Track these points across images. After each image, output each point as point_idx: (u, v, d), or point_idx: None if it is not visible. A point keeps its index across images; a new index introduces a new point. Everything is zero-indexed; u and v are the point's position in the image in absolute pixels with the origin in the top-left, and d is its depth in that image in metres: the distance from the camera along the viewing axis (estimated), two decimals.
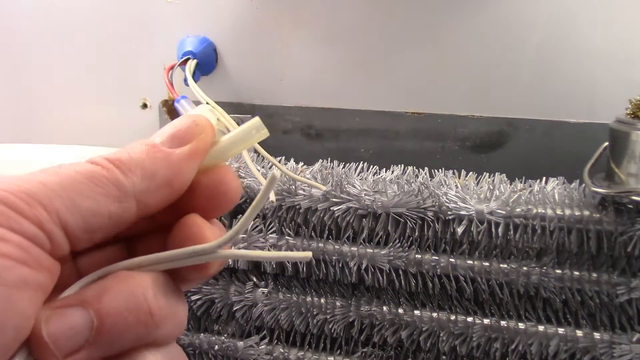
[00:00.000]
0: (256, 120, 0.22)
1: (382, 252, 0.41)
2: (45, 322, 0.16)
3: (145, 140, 0.20)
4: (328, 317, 0.43)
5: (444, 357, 0.43)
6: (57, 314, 0.17)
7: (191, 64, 0.52)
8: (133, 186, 0.18)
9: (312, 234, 0.43)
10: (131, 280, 0.18)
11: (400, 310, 0.42)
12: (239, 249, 0.43)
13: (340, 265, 0.42)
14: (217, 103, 0.46)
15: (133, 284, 0.18)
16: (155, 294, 0.18)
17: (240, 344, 0.46)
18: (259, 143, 0.43)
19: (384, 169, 0.45)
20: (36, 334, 0.16)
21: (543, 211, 0.38)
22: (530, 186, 0.41)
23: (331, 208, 0.41)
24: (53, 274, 0.17)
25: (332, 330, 0.43)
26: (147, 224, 0.22)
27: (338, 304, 0.43)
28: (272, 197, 0.40)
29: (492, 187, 0.41)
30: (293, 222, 0.43)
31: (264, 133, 0.22)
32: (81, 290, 0.18)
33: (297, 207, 0.42)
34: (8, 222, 0.16)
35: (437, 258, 0.41)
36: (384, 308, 0.42)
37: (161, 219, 0.21)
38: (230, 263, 0.44)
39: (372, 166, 0.45)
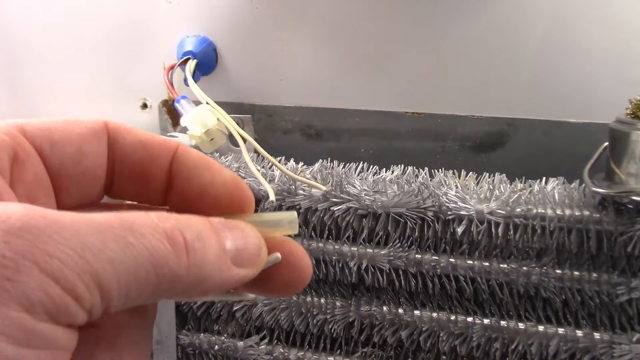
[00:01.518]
0: (293, 215, 0.21)
1: (382, 252, 0.41)
2: None
3: (216, 224, 0.17)
4: (328, 317, 0.43)
5: (444, 357, 0.43)
6: None
7: (191, 64, 0.52)
8: (182, 284, 0.16)
9: (312, 234, 0.43)
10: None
11: (400, 310, 0.42)
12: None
13: (340, 265, 0.42)
14: (217, 103, 0.46)
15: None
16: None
17: (240, 344, 0.46)
18: (259, 143, 0.43)
19: (384, 169, 0.45)
20: None
21: (543, 211, 0.38)
22: (530, 186, 0.41)
23: (331, 208, 0.41)
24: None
25: (332, 330, 0.43)
26: None
27: (338, 304, 0.43)
28: (272, 197, 0.40)
29: (492, 187, 0.41)
30: None
31: (294, 228, 0.22)
32: None
33: (297, 207, 0.42)
34: (65, 317, 0.14)
35: (437, 258, 0.41)
36: (384, 308, 0.42)
37: None
38: None
39: (372, 166, 0.45)
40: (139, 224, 0.15)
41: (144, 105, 0.60)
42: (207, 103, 0.46)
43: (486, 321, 0.41)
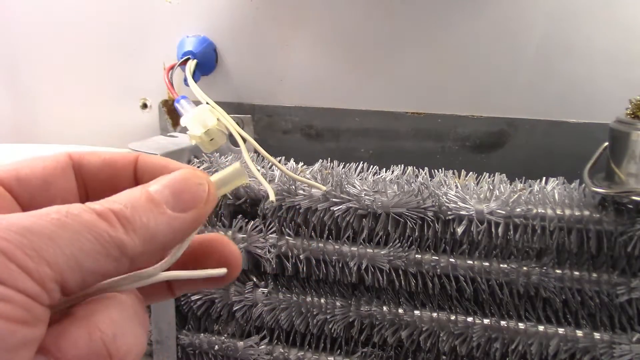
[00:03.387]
0: (237, 166, 0.22)
1: (382, 252, 0.41)
2: None
3: (146, 191, 0.19)
4: (328, 317, 0.43)
5: (444, 357, 0.43)
6: None
7: (191, 64, 0.52)
8: (133, 248, 0.18)
9: (312, 234, 0.43)
10: (91, 323, 0.17)
11: (400, 310, 0.42)
12: (239, 249, 0.43)
13: (340, 265, 0.42)
14: (217, 103, 0.46)
15: (92, 327, 0.17)
16: (115, 335, 0.17)
17: (240, 344, 0.46)
18: (259, 143, 0.43)
19: (384, 169, 0.45)
20: None
21: (543, 211, 0.38)
22: (530, 186, 0.41)
23: (331, 208, 0.41)
24: (46, 324, 0.17)
25: (332, 330, 0.43)
26: None
27: (338, 304, 0.43)
28: (272, 197, 0.40)
29: (492, 187, 0.41)
30: (293, 222, 0.43)
31: (244, 178, 0.23)
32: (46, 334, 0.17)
33: (297, 207, 0.42)
34: (14, 281, 0.15)
35: (437, 258, 0.41)
36: (384, 308, 0.42)
37: None
38: None
39: (372, 166, 0.45)
40: (72, 209, 0.17)
41: (144, 105, 0.60)
42: (207, 103, 0.46)
43: (486, 321, 0.41)
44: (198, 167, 0.46)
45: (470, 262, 0.40)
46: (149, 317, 0.22)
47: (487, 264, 0.40)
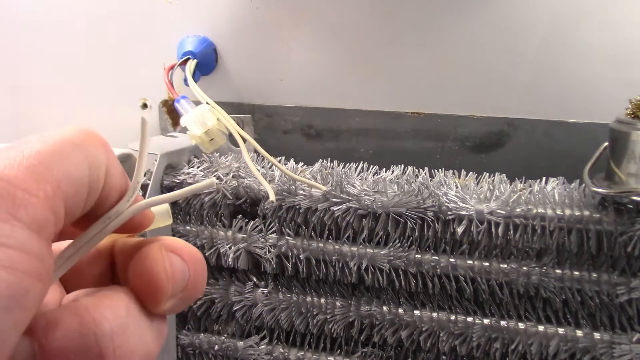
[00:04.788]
0: (165, 207, 0.22)
1: (382, 252, 0.41)
2: None
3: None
4: (328, 317, 0.43)
5: (444, 357, 0.43)
6: None
7: (191, 64, 0.52)
8: (104, 156, 0.18)
9: (312, 234, 0.43)
10: (85, 315, 0.16)
11: (400, 310, 0.42)
12: (239, 249, 0.43)
13: (340, 265, 0.42)
14: (217, 103, 0.46)
15: (86, 320, 0.16)
16: (113, 333, 0.16)
17: (240, 344, 0.46)
18: (259, 143, 0.43)
19: (384, 169, 0.45)
20: None
21: (543, 211, 0.38)
22: (530, 186, 0.41)
23: (331, 208, 0.41)
24: (51, 279, 0.16)
25: (332, 330, 0.43)
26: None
27: (338, 304, 0.43)
28: (272, 197, 0.40)
29: (492, 187, 0.41)
30: (293, 222, 0.43)
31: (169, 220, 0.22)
32: (36, 316, 0.16)
33: (297, 207, 0.42)
34: (22, 209, 0.14)
35: (437, 258, 0.41)
36: (384, 308, 0.42)
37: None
38: (230, 263, 0.44)
39: (372, 166, 0.45)
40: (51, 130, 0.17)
41: (144, 105, 0.60)
42: (207, 103, 0.46)
43: (486, 321, 0.41)
44: (198, 167, 0.46)
45: (470, 262, 0.40)
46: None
47: (487, 264, 0.40)
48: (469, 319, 0.41)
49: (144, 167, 0.20)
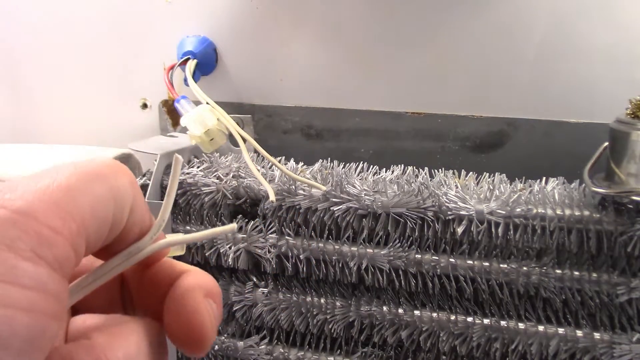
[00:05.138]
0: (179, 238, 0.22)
1: (382, 252, 0.41)
2: None
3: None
4: (328, 317, 0.43)
5: (444, 357, 0.43)
6: None
7: (191, 64, 0.52)
8: (130, 192, 0.18)
9: (312, 234, 0.43)
10: (100, 356, 0.16)
11: (400, 310, 0.42)
12: (239, 249, 0.43)
13: (340, 265, 0.42)
14: (217, 103, 0.46)
15: (100, 357, 0.16)
16: None
17: (240, 344, 0.46)
18: (259, 143, 0.43)
19: (384, 169, 0.45)
20: None
21: (543, 211, 0.38)
22: (530, 186, 0.41)
23: (331, 208, 0.41)
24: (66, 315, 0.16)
25: (332, 330, 0.43)
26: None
27: (338, 304, 0.43)
28: (272, 197, 0.40)
29: (492, 187, 0.41)
30: (293, 222, 0.43)
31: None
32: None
33: (297, 207, 0.42)
34: (46, 248, 0.14)
35: (437, 258, 0.41)
36: (384, 308, 0.42)
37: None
38: (230, 263, 0.44)
39: (372, 166, 0.45)
40: (79, 162, 0.17)
41: (144, 105, 0.60)
42: (207, 103, 0.46)
43: (486, 321, 0.41)
44: (198, 167, 0.46)
45: (470, 262, 0.40)
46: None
47: (487, 264, 0.40)
48: (469, 319, 0.41)
49: (171, 205, 0.20)
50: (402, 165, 0.45)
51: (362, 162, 0.45)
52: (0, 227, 0.14)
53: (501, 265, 0.40)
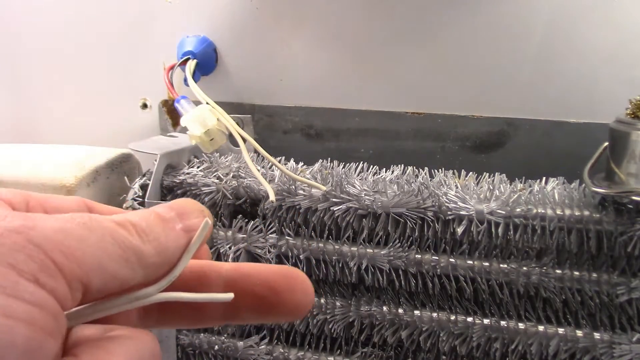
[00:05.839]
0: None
1: (382, 252, 0.41)
2: None
3: (156, 211, 0.20)
4: (328, 317, 0.43)
5: (444, 357, 0.43)
6: None
7: (191, 64, 0.52)
8: (149, 257, 0.18)
9: (312, 234, 0.43)
10: None
11: (400, 310, 0.42)
12: (239, 249, 0.43)
13: (340, 265, 0.42)
14: (217, 103, 0.46)
15: None
16: None
17: (240, 344, 0.46)
18: (259, 143, 0.43)
19: (384, 169, 0.45)
20: None
21: (543, 211, 0.38)
22: (530, 186, 0.41)
23: (331, 208, 0.41)
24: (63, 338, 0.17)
25: (332, 330, 0.43)
26: None
27: (338, 304, 0.43)
28: (272, 197, 0.40)
29: (492, 187, 0.41)
30: (293, 222, 0.43)
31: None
32: None
33: (297, 207, 0.42)
34: (49, 278, 0.15)
35: (437, 258, 0.41)
36: (384, 308, 0.42)
37: None
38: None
39: (372, 166, 0.45)
40: (94, 215, 0.18)
41: (144, 105, 0.60)
42: (207, 103, 0.46)
43: (486, 321, 0.41)
44: (198, 167, 0.46)
45: (470, 262, 0.40)
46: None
47: (487, 264, 0.40)
48: (469, 319, 0.41)
49: (187, 262, 0.21)
50: (402, 165, 0.45)
51: (362, 162, 0.45)
52: (9, 249, 0.15)
53: (501, 265, 0.40)
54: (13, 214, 0.17)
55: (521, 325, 0.40)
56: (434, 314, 0.42)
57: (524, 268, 0.39)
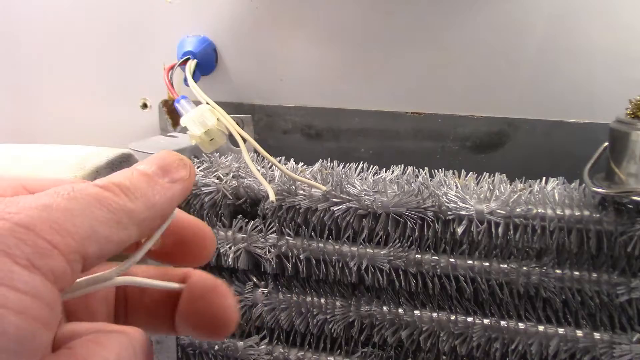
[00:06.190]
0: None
1: (382, 252, 0.41)
2: None
3: (137, 168, 0.20)
4: (328, 317, 0.43)
5: (444, 357, 0.43)
6: None
7: (191, 64, 0.52)
8: (139, 213, 0.19)
9: (312, 234, 0.43)
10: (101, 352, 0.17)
11: (400, 310, 0.42)
12: (239, 249, 0.43)
13: (340, 265, 0.42)
14: (217, 103, 0.46)
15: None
16: None
17: (240, 344, 0.46)
18: (259, 143, 0.43)
19: (384, 169, 0.45)
20: None
21: (543, 211, 0.38)
22: (530, 186, 0.41)
23: (331, 208, 0.41)
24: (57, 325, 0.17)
25: (332, 330, 0.43)
26: None
27: (338, 304, 0.43)
28: (272, 197, 0.40)
29: (492, 187, 0.41)
30: (293, 222, 0.43)
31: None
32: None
33: (297, 207, 0.42)
34: (42, 258, 0.15)
35: (437, 258, 0.41)
36: (384, 308, 0.42)
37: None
38: (230, 263, 0.44)
39: (372, 166, 0.45)
40: (77, 185, 0.18)
41: (144, 105, 0.60)
42: (207, 103, 0.46)
43: (486, 321, 0.41)
44: (198, 167, 0.46)
45: (470, 262, 0.40)
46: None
47: (487, 264, 0.40)
48: (469, 319, 0.41)
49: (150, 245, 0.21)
50: (402, 165, 0.45)
51: (362, 162, 0.45)
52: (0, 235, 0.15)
53: (501, 265, 0.40)
54: None
55: (521, 325, 0.40)
56: (434, 314, 0.42)
57: (524, 268, 0.39)
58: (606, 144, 0.40)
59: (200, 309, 0.22)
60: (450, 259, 0.40)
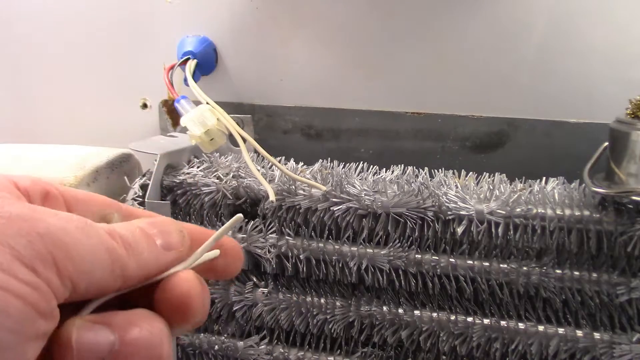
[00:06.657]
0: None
1: (382, 252, 0.41)
2: (77, 330, 0.17)
3: (140, 226, 0.21)
4: (328, 317, 0.43)
5: (444, 357, 0.43)
6: (88, 327, 0.18)
7: (191, 64, 0.52)
8: (131, 271, 0.19)
9: (312, 234, 0.43)
10: (155, 323, 0.19)
11: (400, 310, 0.42)
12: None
13: (340, 265, 0.42)
14: (217, 103, 0.46)
15: (156, 327, 0.19)
16: (168, 343, 0.19)
17: (240, 344, 0.46)
18: (259, 143, 0.43)
19: (384, 169, 0.45)
20: (64, 339, 0.17)
21: (543, 211, 0.38)
22: (530, 186, 0.41)
23: (331, 208, 0.41)
24: (54, 327, 0.17)
25: (332, 330, 0.43)
26: None
27: (338, 304, 0.43)
28: (272, 197, 0.40)
29: (492, 187, 0.41)
30: (293, 222, 0.43)
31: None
32: (107, 313, 0.19)
33: (297, 207, 0.42)
34: (46, 272, 0.16)
35: (437, 258, 0.41)
36: (384, 308, 0.42)
37: None
38: None
39: (372, 166, 0.45)
40: (91, 223, 0.19)
41: (144, 105, 0.60)
42: (207, 103, 0.46)
43: (486, 321, 0.41)
44: (198, 167, 0.46)
45: (470, 262, 0.40)
46: None
47: (487, 264, 0.40)
48: (469, 319, 0.41)
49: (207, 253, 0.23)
50: (402, 165, 0.45)
51: (362, 162, 0.45)
52: (14, 232, 0.16)
53: (501, 265, 0.40)
54: (23, 204, 0.18)
55: (521, 325, 0.40)
56: (434, 314, 0.42)
57: (524, 268, 0.39)
58: (606, 144, 0.40)
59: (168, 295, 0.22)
60: (450, 259, 0.40)
